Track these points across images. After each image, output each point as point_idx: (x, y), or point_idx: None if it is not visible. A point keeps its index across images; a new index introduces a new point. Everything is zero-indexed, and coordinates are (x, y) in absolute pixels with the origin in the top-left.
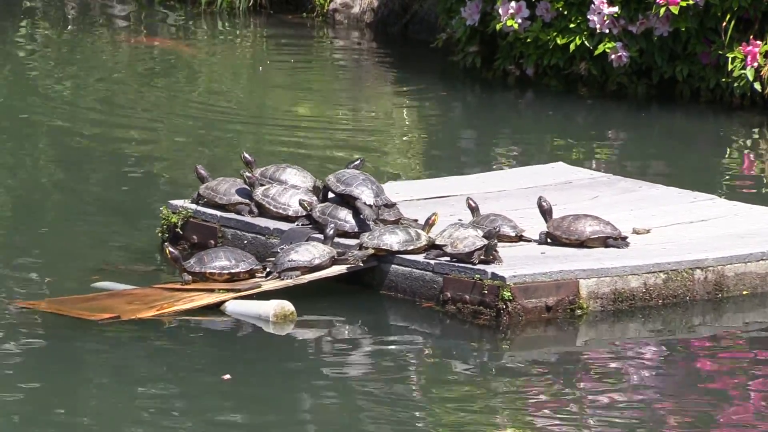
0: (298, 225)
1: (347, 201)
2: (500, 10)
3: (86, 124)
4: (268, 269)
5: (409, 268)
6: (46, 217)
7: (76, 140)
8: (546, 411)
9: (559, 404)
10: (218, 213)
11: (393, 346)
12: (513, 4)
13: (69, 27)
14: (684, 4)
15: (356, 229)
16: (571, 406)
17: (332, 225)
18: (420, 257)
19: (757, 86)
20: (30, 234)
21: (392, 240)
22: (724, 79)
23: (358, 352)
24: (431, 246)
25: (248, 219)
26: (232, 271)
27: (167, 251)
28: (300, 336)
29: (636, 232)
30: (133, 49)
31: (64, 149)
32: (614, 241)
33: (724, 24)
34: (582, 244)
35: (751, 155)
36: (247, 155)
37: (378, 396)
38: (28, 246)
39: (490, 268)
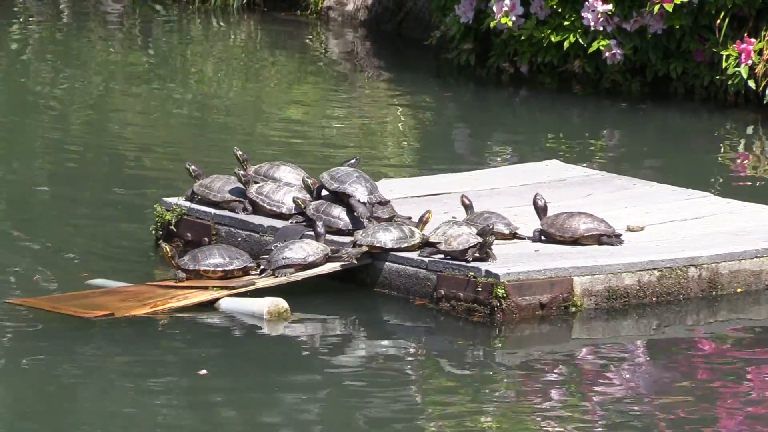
0: (292, 222)
1: (341, 198)
2: (494, 8)
3: (79, 122)
4: (262, 267)
5: (403, 266)
6: (40, 214)
7: (70, 138)
8: (540, 408)
9: (552, 401)
10: (212, 210)
11: (387, 344)
12: (507, 1)
13: (62, 23)
14: (678, 1)
15: (350, 227)
16: (564, 403)
17: (321, 222)
18: (414, 255)
19: (752, 84)
20: (23, 231)
21: (386, 237)
22: (718, 77)
23: (351, 350)
24: (425, 243)
25: (242, 216)
26: (226, 268)
27: (161, 248)
28: (294, 333)
29: (630, 229)
30: (126, 47)
31: (58, 147)
32: (608, 238)
33: (719, 21)
34: (576, 241)
35: (746, 153)
36: (240, 152)
37: (371, 393)
38: (21, 243)
39: (484, 266)
